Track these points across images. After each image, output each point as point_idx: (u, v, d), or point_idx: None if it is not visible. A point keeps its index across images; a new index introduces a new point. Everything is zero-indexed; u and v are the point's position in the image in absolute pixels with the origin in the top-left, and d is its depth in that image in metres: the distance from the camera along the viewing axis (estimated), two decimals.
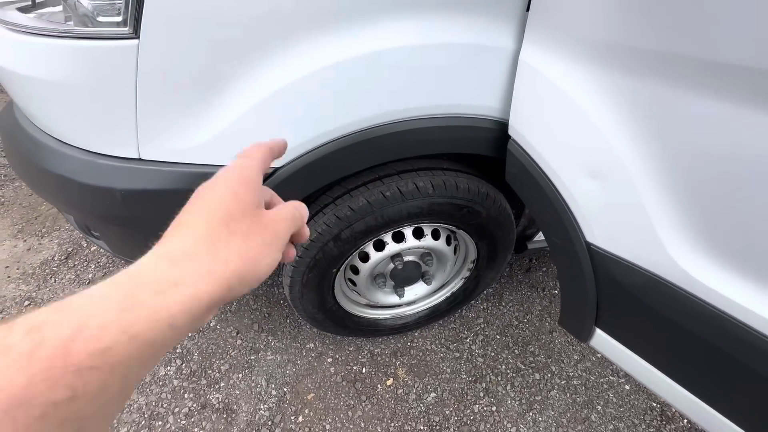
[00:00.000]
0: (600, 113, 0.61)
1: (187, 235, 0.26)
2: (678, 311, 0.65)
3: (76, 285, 1.46)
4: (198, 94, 0.68)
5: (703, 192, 0.57)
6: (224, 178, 0.29)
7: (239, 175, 0.29)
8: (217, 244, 0.25)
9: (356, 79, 0.71)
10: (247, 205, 0.28)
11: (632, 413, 1.21)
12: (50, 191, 0.86)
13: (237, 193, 0.28)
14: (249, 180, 0.29)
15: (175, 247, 0.25)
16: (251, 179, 0.29)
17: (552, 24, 0.63)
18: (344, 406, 1.20)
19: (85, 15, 0.63)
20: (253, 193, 0.29)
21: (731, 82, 0.47)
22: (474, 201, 0.96)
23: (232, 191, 0.28)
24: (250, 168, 0.30)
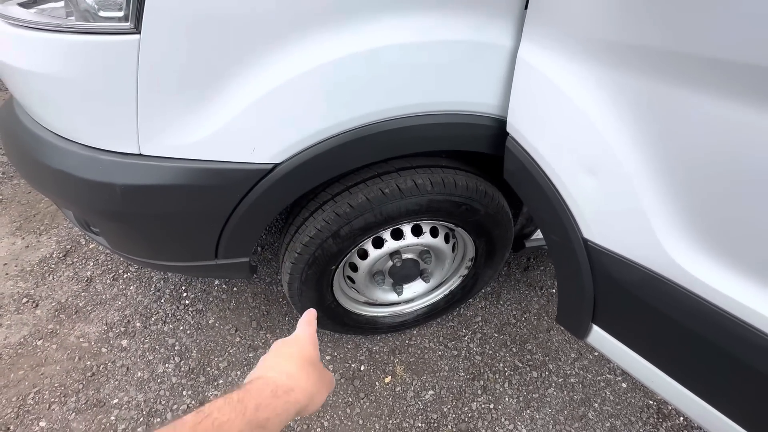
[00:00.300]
0: (597, 111, 0.62)
1: (293, 364, 0.43)
2: (674, 307, 0.66)
3: (74, 282, 1.46)
4: (199, 90, 0.68)
5: (699, 189, 0.57)
6: (305, 338, 0.48)
7: (313, 336, 0.49)
8: (309, 375, 0.42)
9: (355, 76, 0.71)
10: (317, 357, 0.47)
11: (629, 411, 1.21)
12: (50, 187, 0.86)
13: (315, 345, 0.48)
14: (316, 341, 0.49)
15: (286, 369, 0.42)
16: (316, 341, 0.49)
17: (550, 22, 0.64)
18: (342, 403, 1.20)
19: (86, 10, 0.64)
20: (317, 350, 0.48)
21: (730, 79, 0.48)
22: (472, 198, 0.97)
23: (313, 344, 0.47)
24: (314, 335, 0.50)
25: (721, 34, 0.47)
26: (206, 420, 0.32)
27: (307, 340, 0.47)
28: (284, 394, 0.38)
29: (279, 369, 0.41)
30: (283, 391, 0.39)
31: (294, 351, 0.44)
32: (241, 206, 0.81)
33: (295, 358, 0.43)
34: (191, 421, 0.32)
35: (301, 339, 0.47)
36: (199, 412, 0.33)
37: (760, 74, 0.45)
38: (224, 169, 0.75)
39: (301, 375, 0.41)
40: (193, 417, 0.32)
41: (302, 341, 0.46)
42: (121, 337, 1.32)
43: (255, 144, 0.74)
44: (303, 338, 0.47)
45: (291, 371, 0.41)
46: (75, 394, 1.18)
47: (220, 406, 0.34)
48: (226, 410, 0.33)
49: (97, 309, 1.39)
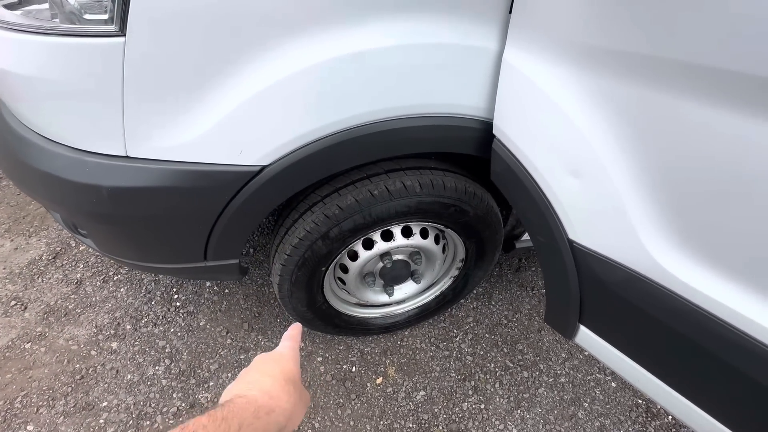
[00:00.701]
0: (580, 113, 0.63)
1: (274, 383, 0.43)
2: (656, 307, 0.67)
3: (63, 285, 1.45)
4: (185, 92, 0.68)
5: (678, 191, 0.58)
6: (287, 356, 0.48)
7: (295, 353, 0.49)
8: (289, 395, 0.43)
9: (342, 78, 0.72)
10: (298, 375, 0.47)
11: (618, 410, 1.22)
12: (37, 189, 0.86)
13: (297, 362, 0.48)
14: (298, 358, 0.49)
15: (267, 388, 0.42)
16: (298, 358, 0.49)
17: (533, 26, 0.65)
18: (333, 404, 1.20)
19: (71, 12, 0.64)
20: (299, 368, 0.48)
21: (705, 84, 0.49)
22: (461, 200, 0.97)
23: (295, 362, 0.47)
24: (297, 351, 0.50)
25: (695, 40, 0.48)
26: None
27: (289, 357, 0.47)
28: (265, 415, 0.39)
29: (260, 387, 0.41)
30: (264, 412, 0.39)
31: (276, 369, 0.44)
32: (229, 208, 0.81)
33: (276, 376, 0.43)
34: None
35: (284, 356, 0.47)
36: (184, 428, 0.33)
37: (733, 79, 0.46)
38: (212, 171, 0.75)
39: (282, 395, 0.42)
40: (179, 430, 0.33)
41: (284, 358, 0.46)
42: (111, 340, 1.31)
43: (243, 146, 0.74)
44: (285, 355, 0.47)
45: (272, 391, 0.41)
46: (63, 398, 1.17)
47: (204, 423, 0.34)
48: (210, 428, 0.34)
49: (86, 311, 1.38)
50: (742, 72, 0.45)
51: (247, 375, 0.44)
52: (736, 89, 0.47)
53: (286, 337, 0.51)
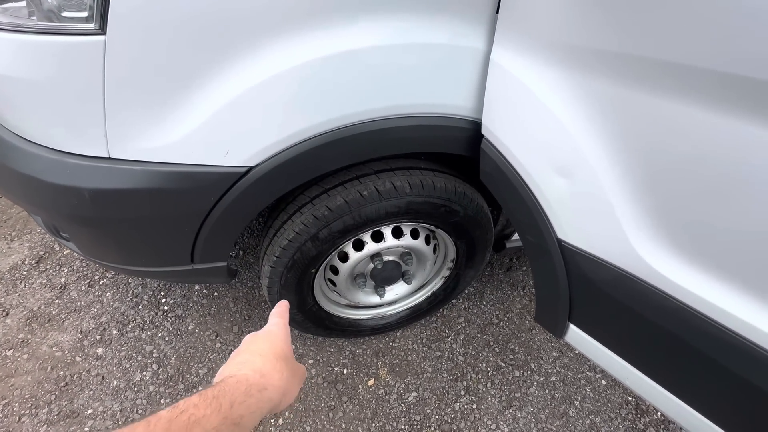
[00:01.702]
0: (566, 112, 0.63)
1: (265, 361, 0.42)
2: (644, 305, 0.67)
3: (47, 290, 1.42)
4: (168, 92, 0.67)
5: (664, 189, 0.59)
6: (277, 333, 0.47)
7: (285, 330, 0.49)
8: (281, 371, 0.42)
9: (330, 78, 0.71)
10: (289, 352, 0.46)
11: (608, 407, 1.23)
12: (16, 191, 0.83)
13: (287, 340, 0.47)
14: (288, 335, 0.48)
15: (259, 366, 0.41)
16: (288, 335, 0.49)
17: (519, 27, 0.65)
18: (325, 407, 1.19)
19: (49, 10, 0.62)
20: (290, 344, 0.48)
21: (685, 83, 0.49)
22: (451, 200, 0.97)
23: (285, 340, 0.47)
24: (287, 327, 0.49)
25: (673, 39, 0.48)
26: (182, 415, 0.32)
27: (278, 334, 0.47)
28: (257, 392, 0.39)
29: (251, 367, 0.41)
30: (256, 389, 0.39)
31: (266, 347, 0.44)
32: (215, 210, 0.79)
33: (267, 354, 0.43)
34: (166, 417, 0.31)
35: (273, 333, 0.46)
36: (175, 407, 0.33)
37: (711, 78, 0.46)
38: (197, 173, 0.74)
39: (273, 373, 0.41)
40: (169, 412, 0.32)
41: (273, 336, 0.46)
42: (97, 345, 1.28)
43: (228, 147, 0.73)
44: (274, 333, 0.47)
45: (263, 369, 0.41)
46: (47, 405, 1.14)
47: (195, 402, 0.34)
48: (201, 406, 0.33)
49: (71, 317, 1.35)
50: (718, 71, 0.46)
51: (238, 356, 0.43)
52: (715, 88, 0.47)
53: (274, 314, 0.50)
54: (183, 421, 0.31)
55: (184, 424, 0.31)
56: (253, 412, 0.37)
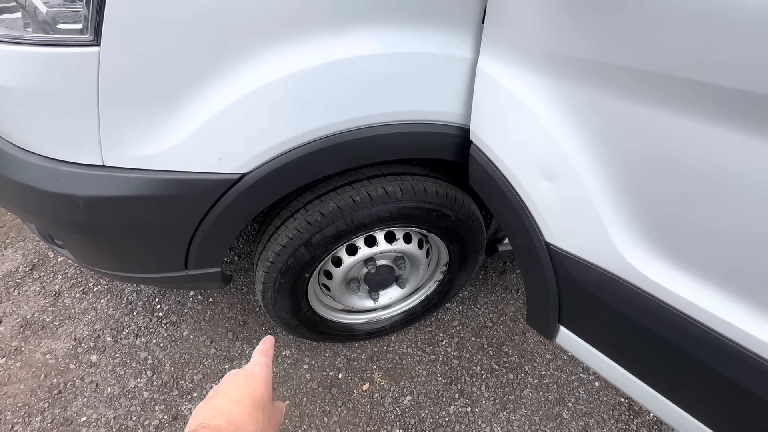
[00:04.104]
0: (549, 118, 0.65)
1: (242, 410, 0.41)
2: (629, 306, 0.69)
3: (41, 297, 1.41)
4: (162, 100, 0.68)
5: (645, 192, 0.60)
6: (258, 375, 0.46)
7: (267, 372, 0.47)
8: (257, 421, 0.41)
9: (322, 86, 0.73)
10: (269, 398, 0.45)
11: (602, 409, 1.24)
12: (10, 199, 0.84)
13: (267, 384, 0.46)
14: (269, 378, 0.47)
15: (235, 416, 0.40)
16: (270, 377, 0.47)
17: (503, 36, 0.67)
18: (320, 412, 1.19)
19: (44, 22, 0.63)
20: (270, 388, 0.46)
21: (652, 88, 0.51)
22: (442, 205, 0.99)
23: (265, 384, 0.45)
24: (269, 368, 0.48)
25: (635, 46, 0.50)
26: None
27: (259, 376, 0.46)
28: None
29: (227, 416, 0.40)
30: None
31: (245, 392, 0.43)
32: (208, 216, 0.80)
33: (244, 401, 0.42)
34: None
35: (254, 375, 0.45)
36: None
37: (679, 84, 0.48)
38: (190, 180, 0.75)
39: (249, 423, 0.40)
40: None
41: (254, 379, 0.45)
42: (91, 353, 1.28)
43: (222, 154, 0.74)
44: (256, 375, 0.46)
45: (238, 420, 0.40)
46: (40, 414, 1.14)
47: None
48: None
49: (65, 324, 1.35)
50: (683, 77, 0.48)
51: (214, 399, 0.42)
52: (684, 93, 0.49)
53: (258, 352, 0.50)
54: None
55: None
56: None
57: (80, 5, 0.61)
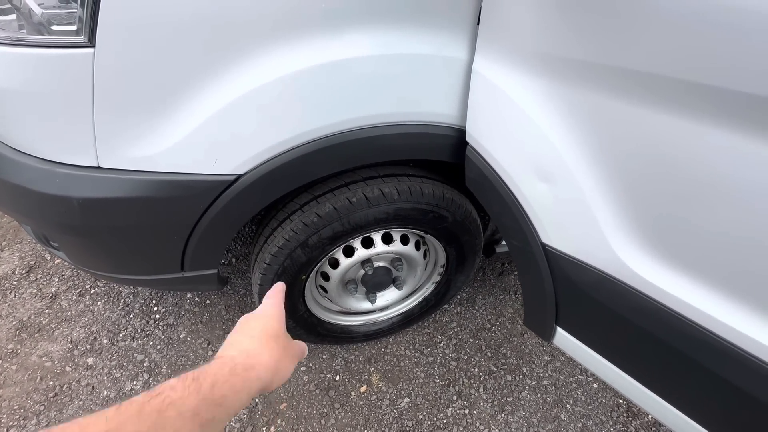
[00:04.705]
0: (545, 119, 0.65)
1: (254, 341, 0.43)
2: (625, 307, 0.69)
3: (38, 299, 1.41)
4: (157, 102, 0.68)
5: (641, 193, 0.60)
6: (269, 313, 0.48)
7: (279, 311, 0.50)
8: (272, 350, 0.43)
9: (318, 87, 0.73)
10: (282, 331, 0.47)
11: (600, 411, 1.24)
12: (6, 201, 0.84)
13: (280, 319, 0.48)
14: (282, 315, 0.50)
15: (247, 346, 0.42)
16: (282, 314, 0.50)
17: (497, 37, 0.67)
18: (317, 414, 1.19)
19: (39, 23, 0.63)
20: (283, 324, 0.49)
21: (650, 89, 0.51)
22: (439, 206, 0.99)
23: (277, 319, 0.48)
24: (280, 307, 0.51)
25: (635, 48, 0.50)
26: (156, 398, 0.31)
27: (271, 313, 0.47)
28: (243, 371, 0.39)
29: (239, 347, 0.42)
30: (242, 368, 0.39)
31: (256, 327, 0.45)
32: (204, 218, 0.80)
33: (256, 335, 0.43)
34: (139, 401, 0.31)
35: (265, 314, 0.47)
36: (150, 391, 0.32)
37: (679, 86, 0.48)
38: (186, 181, 0.75)
39: (263, 351, 0.42)
40: (143, 396, 0.32)
41: (266, 316, 0.47)
42: (87, 355, 1.27)
43: (217, 155, 0.74)
44: (267, 313, 0.47)
45: (251, 349, 0.42)
46: (35, 417, 1.13)
47: (172, 384, 0.34)
48: (178, 388, 0.33)
49: (61, 326, 1.34)
50: (680, 79, 0.48)
51: (230, 337, 0.44)
52: (678, 94, 0.49)
53: (268, 296, 0.52)
54: (156, 404, 0.31)
55: (156, 407, 0.31)
56: (237, 392, 0.37)
57: (75, 7, 0.61)
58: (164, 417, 0.30)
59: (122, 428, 0.28)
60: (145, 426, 0.29)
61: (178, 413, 0.31)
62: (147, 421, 0.29)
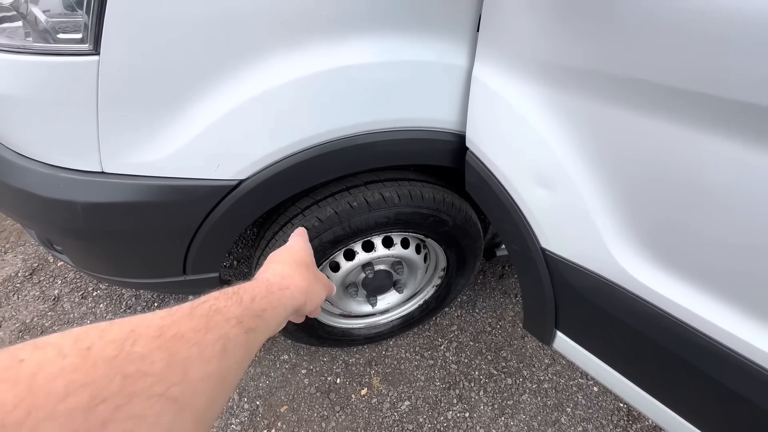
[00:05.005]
0: (544, 125, 0.65)
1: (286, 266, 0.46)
2: (624, 311, 0.69)
3: (40, 302, 1.42)
4: (160, 108, 0.69)
5: (639, 199, 0.61)
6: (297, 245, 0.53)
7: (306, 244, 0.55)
8: (303, 274, 0.46)
9: (320, 93, 0.73)
10: (311, 260, 0.51)
11: (600, 414, 1.24)
12: (10, 205, 0.85)
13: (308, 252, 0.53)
14: (310, 249, 0.55)
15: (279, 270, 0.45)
16: (310, 249, 0.55)
17: (497, 44, 0.68)
18: (318, 417, 1.19)
19: (45, 31, 0.64)
20: (312, 256, 0.53)
21: (649, 97, 0.52)
22: (440, 210, 0.99)
23: (305, 251, 0.52)
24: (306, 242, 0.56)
25: (634, 56, 0.51)
26: (203, 305, 0.32)
27: (298, 246, 0.52)
28: (279, 290, 0.41)
29: (273, 271, 0.44)
30: (277, 287, 0.41)
31: (287, 256, 0.48)
32: (207, 222, 0.81)
33: (287, 261, 0.47)
34: (188, 305, 0.32)
35: (294, 246, 0.52)
36: (196, 299, 0.33)
37: (673, 93, 0.49)
38: (189, 186, 0.76)
39: (294, 275, 0.44)
40: (191, 303, 0.32)
41: (295, 248, 0.51)
42: None
43: (219, 160, 0.75)
44: (295, 246, 0.52)
45: (284, 272, 0.44)
46: None
47: (216, 296, 0.35)
48: (222, 299, 0.34)
49: (63, 329, 1.34)
50: (680, 88, 0.48)
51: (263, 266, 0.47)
52: (684, 103, 0.50)
53: (294, 234, 0.57)
54: (204, 309, 0.32)
55: (205, 312, 0.32)
56: (275, 308, 0.38)
57: (80, 14, 0.62)
58: (213, 320, 0.31)
59: (175, 326, 0.28)
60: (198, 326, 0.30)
61: (224, 318, 0.32)
62: (198, 322, 0.30)
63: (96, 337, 0.24)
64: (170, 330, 0.28)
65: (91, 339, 0.24)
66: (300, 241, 0.54)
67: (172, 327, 0.28)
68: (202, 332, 0.29)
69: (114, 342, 0.24)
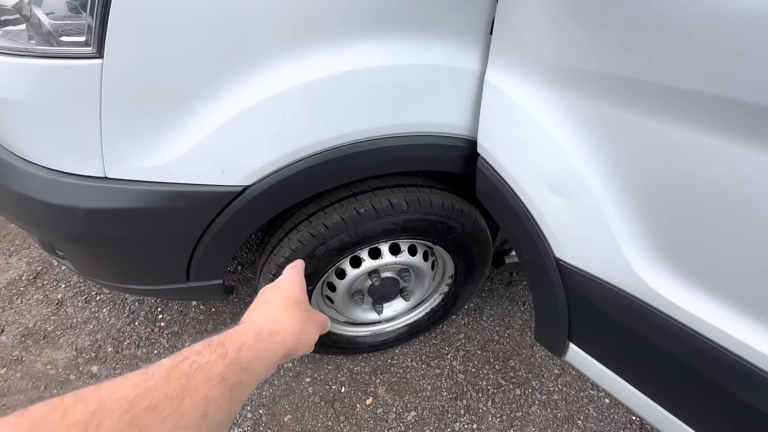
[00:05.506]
0: (560, 132, 0.63)
1: (277, 307, 0.43)
2: (642, 324, 0.66)
3: (44, 306, 1.41)
4: (164, 113, 0.68)
5: (659, 208, 0.58)
6: (290, 281, 0.48)
7: (299, 279, 0.50)
8: (294, 316, 0.43)
9: (327, 98, 0.72)
10: (304, 299, 0.47)
11: (612, 427, 1.20)
12: (12, 210, 0.83)
13: (302, 288, 0.49)
14: (303, 284, 0.50)
15: (270, 312, 0.42)
16: (304, 284, 0.51)
17: (511, 48, 0.66)
18: (322, 427, 1.16)
19: (48, 34, 0.63)
20: (305, 293, 0.49)
21: (666, 102, 0.50)
22: (448, 217, 0.97)
23: (299, 288, 0.48)
24: (300, 277, 0.51)
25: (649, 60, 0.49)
26: (184, 363, 0.30)
27: (292, 282, 0.48)
28: (268, 336, 0.38)
29: (262, 313, 0.41)
30: (267, 333, 0.38)
31: (278, 294, 0.45)
32: (211, 229, 0.79)
33: (278, 301, 0.43)
34: (167, 365, 0.30)
35: (286, 283, 0.48)
36: (177, 355, 0.31)
37: (700, 99, 0.46)
38: (193, 192, 0.74)
39: (285, 317, 0.41)
40: (170, 360, 0.31)
41: (286, 284, 0.47)
42: (91, 363, 1.27)
43: (224, 166, 0.73)
44: (288, 282, 0.48)
45: (274, 314, 0.41)
46: None
47: (198, 349, 0.32)
48: (205, 353, 0.32)
49: (66, 333, 1.34)
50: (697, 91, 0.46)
51: (252, 305, 0.44)
52: (706, 109, 0.47)
53: (288, 267, 0.53)
54: (184, 368, 0.30)
55: (185, 372, 0.30)
56: (263, 357, 0.36)
57: (84, 17, 0.61)
58: (193, 382, 0.29)
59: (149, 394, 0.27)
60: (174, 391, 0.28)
61: (205, 378, 0.30)
62: (176, 386, 0.28)
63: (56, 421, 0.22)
64: (143, 401, 0.26)
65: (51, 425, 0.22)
66: (294, 275, 0.50)
67: (146, 396, 0.26)
68: (179, 398, 0.28)
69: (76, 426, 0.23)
